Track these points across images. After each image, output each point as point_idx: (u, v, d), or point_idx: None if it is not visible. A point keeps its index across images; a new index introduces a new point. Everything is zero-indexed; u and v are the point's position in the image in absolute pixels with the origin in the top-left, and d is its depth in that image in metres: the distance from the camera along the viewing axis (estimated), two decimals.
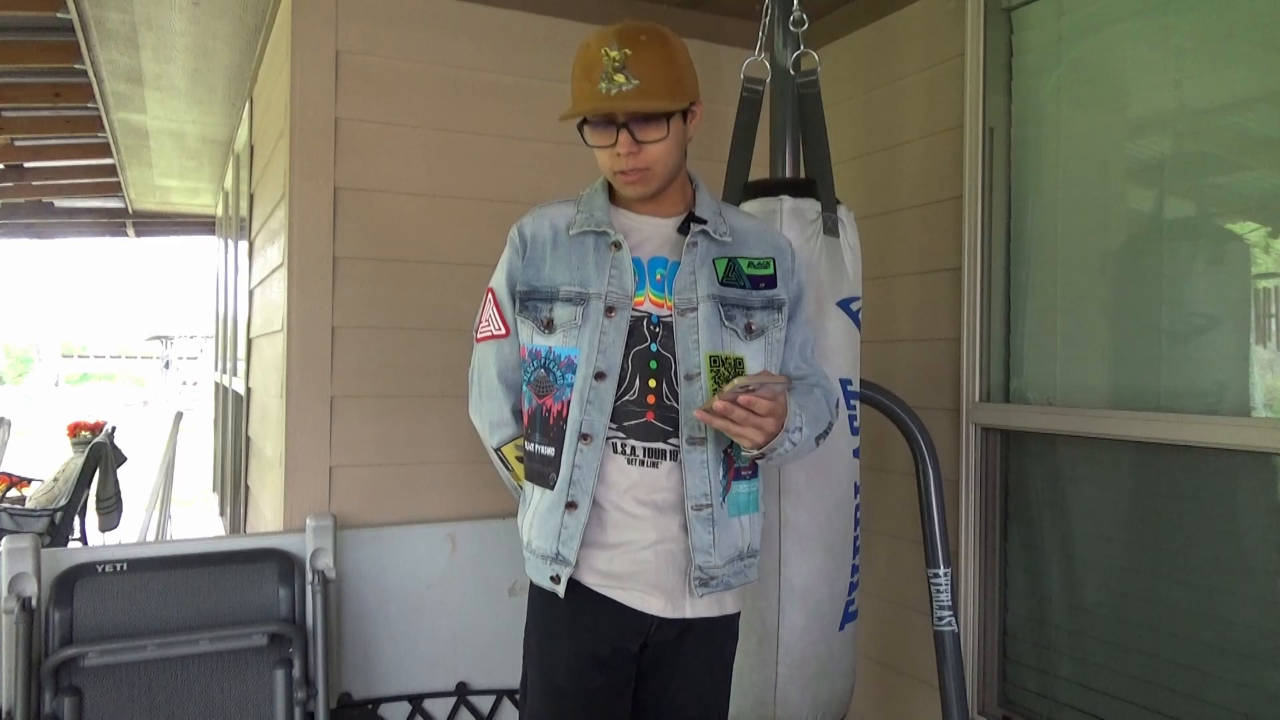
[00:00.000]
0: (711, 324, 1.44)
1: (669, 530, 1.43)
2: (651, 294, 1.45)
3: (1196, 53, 1.87)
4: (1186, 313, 1.87)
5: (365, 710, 2.34)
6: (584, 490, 1.41)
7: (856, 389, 1.94)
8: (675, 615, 1.44)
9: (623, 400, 1.42)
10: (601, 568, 1.43)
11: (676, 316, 1.44)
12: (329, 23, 2.40)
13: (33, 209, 6.36)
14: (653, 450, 1.43)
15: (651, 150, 1.41)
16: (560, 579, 1.43)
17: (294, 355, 2.37)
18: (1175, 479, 1.89)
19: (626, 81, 1.36)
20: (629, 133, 1.39)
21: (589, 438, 1.41)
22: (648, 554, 1.43)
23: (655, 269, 1.47)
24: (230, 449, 4.30)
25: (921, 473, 2.02)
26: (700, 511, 1.43)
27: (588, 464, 1.41)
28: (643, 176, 1.43)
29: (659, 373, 1.43)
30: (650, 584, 1.43)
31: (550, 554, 1.43)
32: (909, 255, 2.49)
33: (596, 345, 1.42)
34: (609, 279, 1.44)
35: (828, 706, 1.89)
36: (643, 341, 1.44)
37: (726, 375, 1.44)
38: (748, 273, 1.51)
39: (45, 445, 10.16)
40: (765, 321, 1.50)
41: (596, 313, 1.43)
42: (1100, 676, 2.02)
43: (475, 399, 1.59)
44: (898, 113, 2.55)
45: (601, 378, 1.41)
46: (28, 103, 4.03)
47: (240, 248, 4.06)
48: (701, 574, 1.43)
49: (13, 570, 2.01)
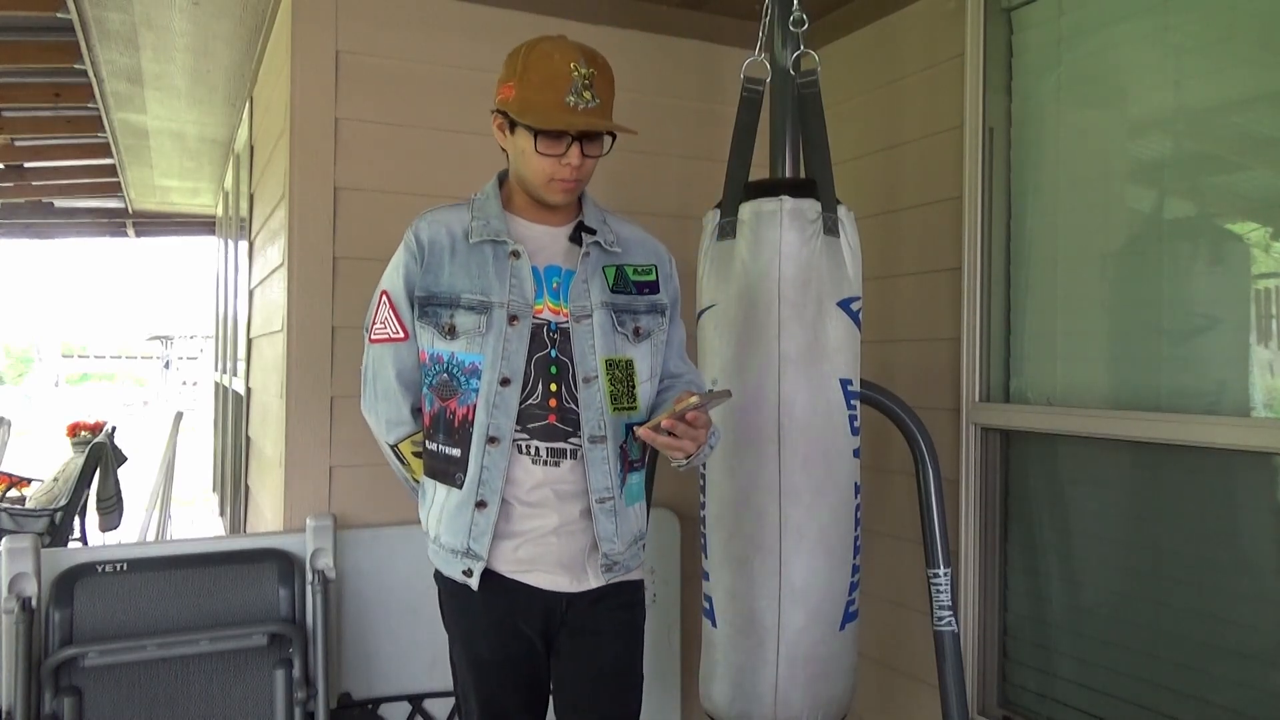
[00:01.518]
0: (605, 330, 1.54)
1: (570, 515, 1.53)
2: (549, 302, 1.54)
3: (1196, 53, 1.87)
4: (1186, 313, 1.87)
5: (365, 710, 2.34)
6: (493, 490, 1.49)
7: (856, 389, 1.94)
8: (581, 589, 1.55)
9: (526, 404, 1.51)
10: (509, 555, 1.53)
11: (573, 323, 1.53)
12: (329, 23, 2.40)
13: (33, 209, 6.36)
14: (555, 450, 1.52)
15: (589, 164, 1.51)
16: (473, 573, 1.52)
17: (294, 355, 2.37)
18: (1175, 479, 1.89)
19: (592, 99, 1.46)
20: (579, 147, 1.48)
21: (496, 440, 1.49)
22: (551, 538, 1.53)
23: (551, 277, 1.55)
24: (230, 449, 4.30)
25: (921, 473, 2.02)
26: (604, 504, 1.53)
27: (495, 465, 1.49)
28: (575, 186, 1.53)
29: (559, 377, 1.52)
30: (555, 564, 1.54)
31: (460, 549, 1.52)
32: (909, 255, 2.49)
33: (501, 352, 1.49)
34: (510, 288, 1.51)
35: (828, 706, 1.89)
36: (543, 348, 1.52)
37: (620, 377, 1.54)
38: (633, 279, 1.60)
39: (45, 445, 10.16)
40: (651, 325, 1.60)
41: (500, 321, 1.49)
42: (1100, 676, 2.02)
43: (370, 398, 1.63)
44: (898, 113, 2.55)
45: (507, 383, 1.49)
46: (28, 103, 4.03)
47: (240, 248, 4.06)
48: (606, 560, 1.55)
49: (13, 570, 2.01)
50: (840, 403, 1.88)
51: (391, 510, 2.42)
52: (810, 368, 1.86)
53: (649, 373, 1.60)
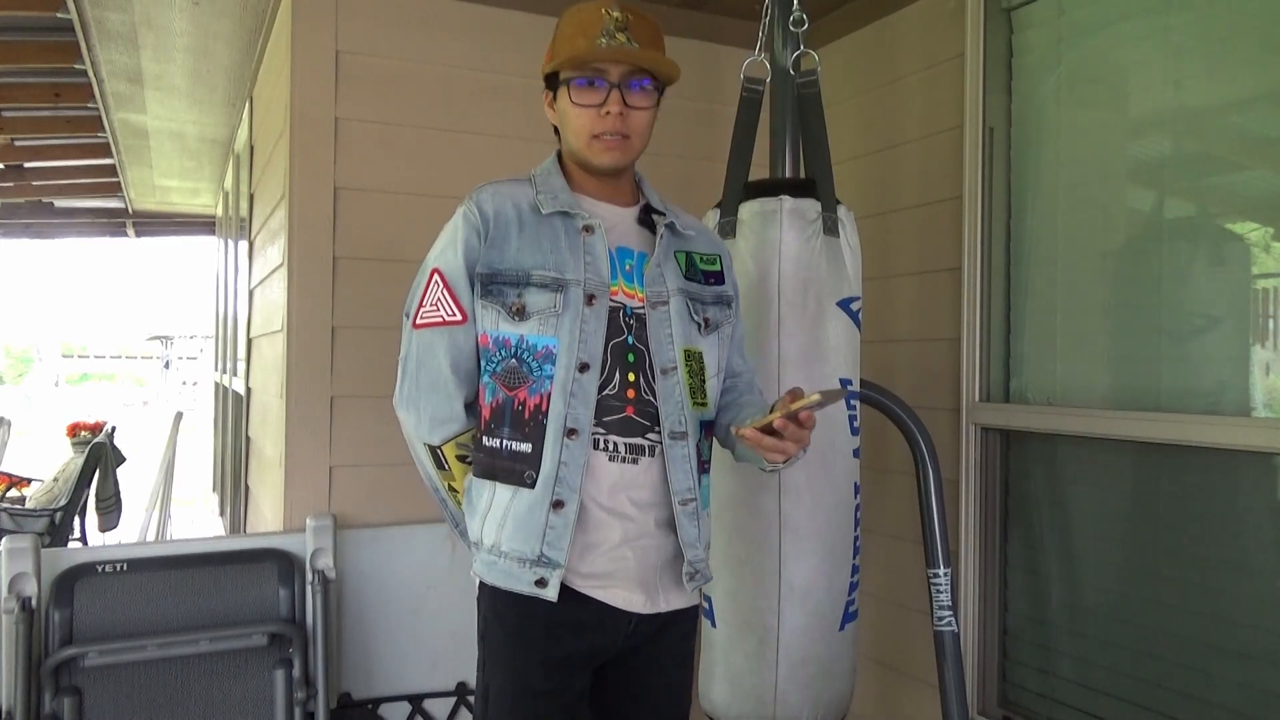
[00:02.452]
0: (683, 318, 1.43)
1: (646, 527, 1.39)
2: (624, 285, 1.41)
3: (1196, 53, 1.87)
4: (1186, 313, 1.87)
5: (365, 710, 2.34)
6: (571, 488, 1.34)
7: (856, 389, 1.95)
8: (654, 610, 1.41)
9: (603, 394, 1.37)
10: (583, 568, 1.37)
11: (649, 309, 1.41)
12: (329, 23, 2.40)
13: (33, 209, 6.36)
14: (633, 446, 1.38)
15: (637, 117, 1.39)
16: (548, 582, 1.34)
17: (294, 355, 2.37)
18: (1175, 479, 1.89)
19: (628, 41, 1.34)
20: (620, 94, 1.36)
21: (575, 432, 1.34)
22: (625, 550, 1.38)
23: (624, 259, 1.43)
24: (230, 449, 4.30)
25: (921, 473, 2.02)
26: (686, 506, 1.41)
27: (574, 460, 1.34)
28: (623, 144, 1.39)
29: (636, 366, 1.39)
30: (629, 580, 1.39)
31: (531, 556, 1.35)
32: (909, 255, 2.49)
33: (578, 335, 1.35)
34: (585, 265, 1.38)
35: (828, 707, 1.89)
36: (620, 334, 1.39)
37: (695, 370, 1.44)
38: (701, 268, 1.51)
39: (45, 445, 10.16)
40: (719, 317, 1.51)
41: (576, 300, 1.36)
42: (1100, 676, 2.02)
43: (411, 391, 1.44)
44: (898, 113, 2.55)
45: (585, 369, 1.35)
46: (28, 103, 4.03)
47: (240, 248, 4.06)
48: (691, 567, 1.42)
49: (13, 570, 2.01)
50: (840, 403, 1.88)
51: (391, 510, 2.42)
52: (810, 368, 1.86)
53: (716, 367, 1.50)
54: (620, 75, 1.36)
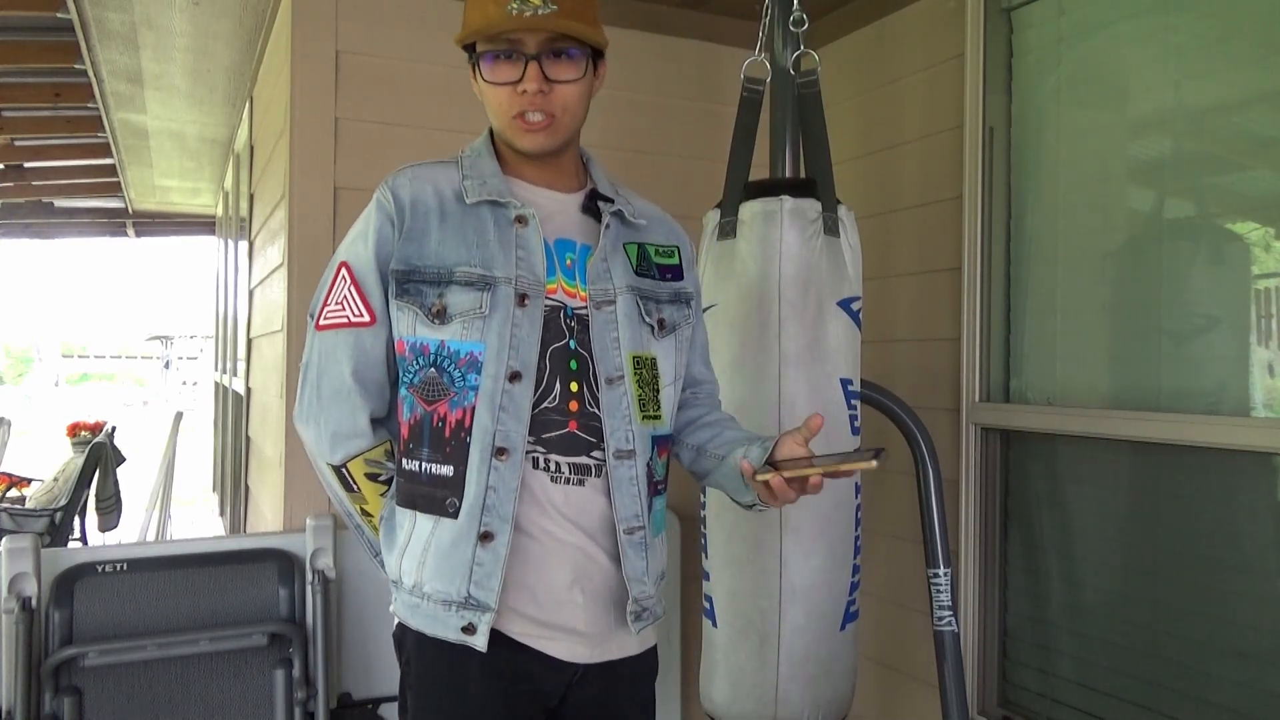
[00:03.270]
0: (631, 319, 1.26)
1: (597, 560, 1.23)
2: (563, 281, 1.24)
3: (1196, 53, 1.87)
4: (1186, 313, 1.87)
5: (365, 710, 2.34)
6: (502, 517, 1.16)
7: (856, 389, 1.94)
8: (602, 659, 1.25)
9: (541, 407, 1.19)
10: (523, 611, 1.20)
11: (593, 310, 1.24)
12: (329, 23, 2.40)
13: (33, 209, 6.36)
14: (578, 466, 1.21)
15: (562, 92, 1.21)
16: (476, 628, 1.17)
17: (294, 355, 2.36)
18: (1175, 479, 1.89)
19: (543, 5, 1.16)
20: (539, 67, 1.18)
21: (505, 452, 1.16)
22: (574, 592, 1.21)
23: (564, 252, 1.25)
24: (230, 449, 4.30)
25: (921, 473, 2.02)
26: (633, 535, 1.23)
27: (504, 485, 1.17)
28: (549, 125, 1.22)
29: (579, 374, 1.22)
30: (578, 628, 1.22)
31: (457, 599, 1.17)
32: (909, 255, 2.49)
33: (508, 340, 1.18)
34: (517, 260, 1.21)
35: (828, 707, 1.89)
36: (560, 338, 1.21)
37: (646, 379, 1.27)
38: (655, 261, 1.33)
39: (45, 445, 10.16)
40: (676, 317, 1.33)
41: (506, 300, 1.19)
42: (1100, 676, 2.02)
43: (311, 403, 1.26)
44: (898, 113, 2.55)
45: (517, 379, 1.18)
46: (28, 103, 4.03)
47: (240, 248, 4.06)
48: (637, 605, 1.24)
49: (13, 570, 2.00)
50: (840, 403, 1.88)
51: None
52: (810, 368, 1.86)
53: (673, 375, 1.32)
54: (538, 45, 1.19)
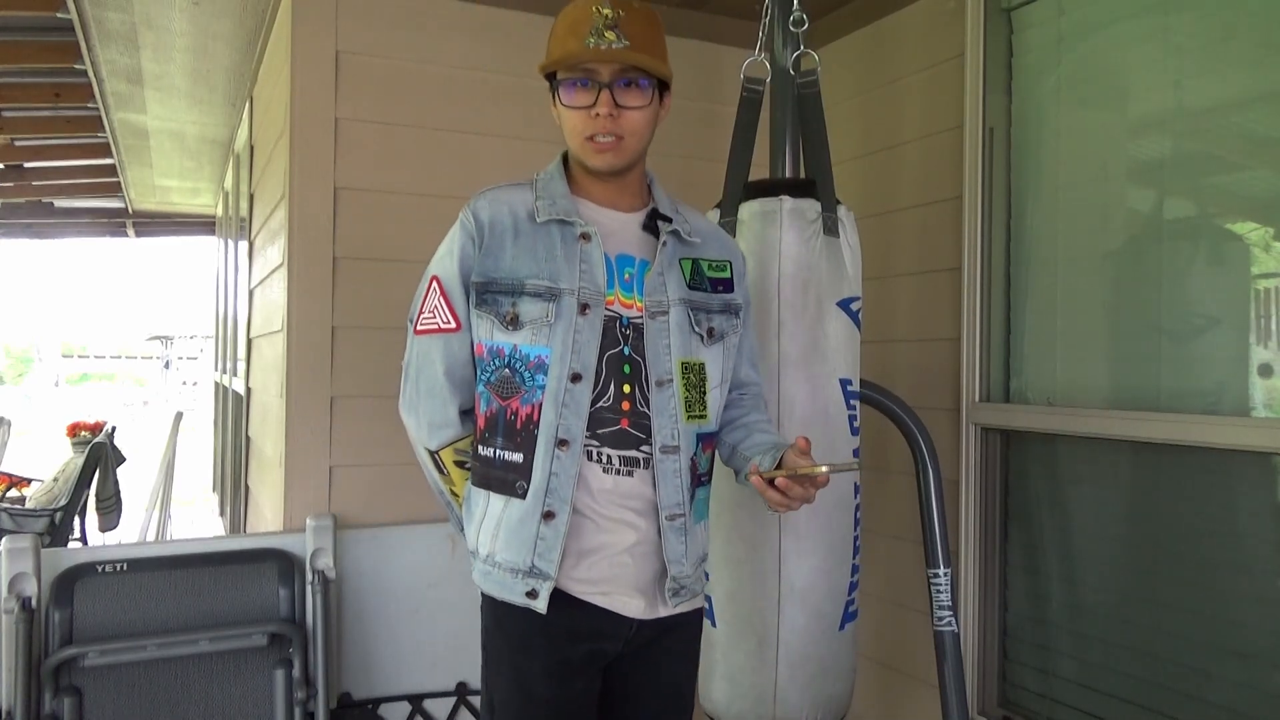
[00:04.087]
0: (682, 328, 1.42)
1: (647, 533, 1.40)
2: (621, 294, 1.40)
3: (1196, 53, 1.87)
4: (1186, 313, 1.87)
5: (365, 710, 2.34)
6: (562, 499, 1.34)
7: (856, 389, 1.94)
8: (654, 615, 1.42)
9: (597, 405, 1.36)
10: (581, 575, 1.38)
11: (647, 319, 1.40)
12: (329, 23, 2.40)
13: (33, 209, 6.36)
14: (627, 458, 1.38)
15: (630, 117, 1.36)
16: (539, 594, 1.35)
17: (294, 355, 2.37)
18: (1175, 479, 1.89)
19: (617, 40, 1.33)
20: (610, 94, 1.34)
21: (566, 443, 1.34)
22: (625, 557, 1.39)
23: (623, 267, 1.41)
24: (230, 449, 4.30)
25: (921, 473, 2.02)
26: (674, 521, 1.40)
27: (565, 471, 1.34)
28: (617, 146, 1.37)
29: (632, 378, 1.38)
30: (630, 586, 1.40)
31: (523, 568, 1.36)
32: (909, 255, 2.49)
33: (570, 345, 1.35)
34: (580, 273, 1.37)
35: (828, 706, 1.89)
36: (616, 344, 1.38)
37: (694, 382, 1.42)
38: (708, 275, 1.49)
39: (45, 445, 10.16)
40: (725, 326, 1.49)
41: (569, 310, 1.35)
42: (1100, 676, 2.02)
43: (411, 396, 1.47)
44: (898, 113, 2.55)
45: (578, 380, 1.35)
46: (28, 103, 4.03)
47: (240, 248, 4.06)
48: (675, 583, 1.41)
49: (13, 570, 2.01)
50: (840, 403, 1.88)
51: (391, 510, 2.43)
52: (810, 368, 1.86)
53: (719, 378, 1.48)
54: (611, 75, 1.34)
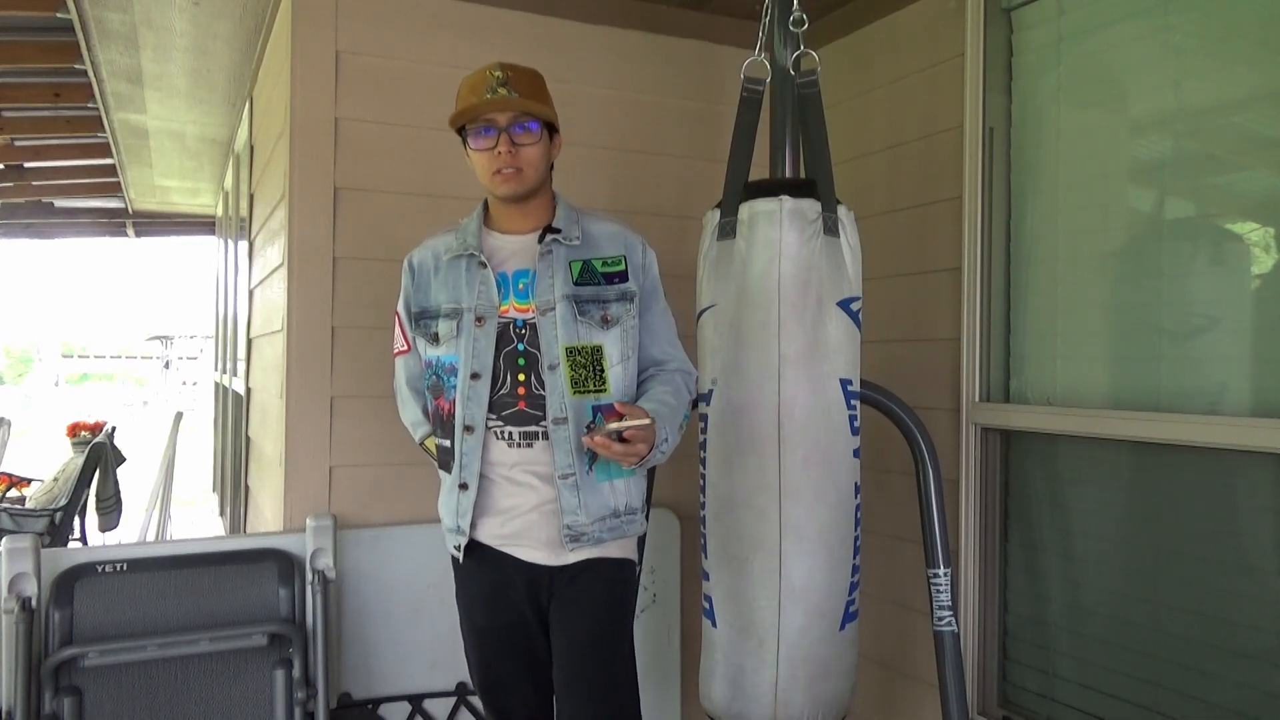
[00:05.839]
0: (567, 320, 1.69)
1: (550, 495, 1.70)
2: (515, 302, 1.72)
3: (1196, 53, 1.87)
4: (1186, 313, 1.87)
5: (365, 710, 2.34)
6: (471, 473, 1.70)
7: (857, 389, 1.94)
8: (559, 563, 1.71)
9: (498, 394, 1.70)
10: (496, 530, 1.73)
11: (539, 316, 1.70)
12: (329, 23, 2.40)
13: (33, 209, 6.36)
14: (526, 433, 1.70)
15: (526, 152, 1.68)
16: (460, 547, 1.74)
17: (294, 355, 2.37)
18: (1175, 479, 1.89)
19: (509, 93, 1.66)
20: (508, 135, 1.67)
21: (471, 429, 1.69)
22: (533, 515, 1.71)
23: (519, 279, 1.73)
24: (230, 449, 4.30)
25: (921, 473, 2.02)
26: (566, 480, 1.68)
27: (472, 451, 1.70)
28: (517, 175, 1.69)
29: (526, 367, 1.70)
30: (535, 539, 1.71)
31: (452, 527, 1.75)
32: (909, 255, 2.49)
33: (471, 351, 1.69)
34: (477, 294, 1.71)
35: (828, 706, 1.89)
36: (510, 343, 1.70)
37: (583, 363, 1.70)
38: (601, 271, 1.75)
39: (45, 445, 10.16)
40: (620, 312, 1.74)
41: (468, 323, 1.70)
42: (1100, 676, 2.02)
43: (399, 404, 1.91)
44: (898, 113, 2.55)
45: (477, 377, 1.69)
46: (28, 103, 4.02)
47: (240, 248, 4.06)
48: (570, 531, 1.69)
49: (13, 570, 2.01)
50: (840, 403, 1.88)
51: (391, 510, 2.43)
52: (810, 368, 1.86)
53: (620, 356, 1.74)
54: (507, 120, 1.67)
